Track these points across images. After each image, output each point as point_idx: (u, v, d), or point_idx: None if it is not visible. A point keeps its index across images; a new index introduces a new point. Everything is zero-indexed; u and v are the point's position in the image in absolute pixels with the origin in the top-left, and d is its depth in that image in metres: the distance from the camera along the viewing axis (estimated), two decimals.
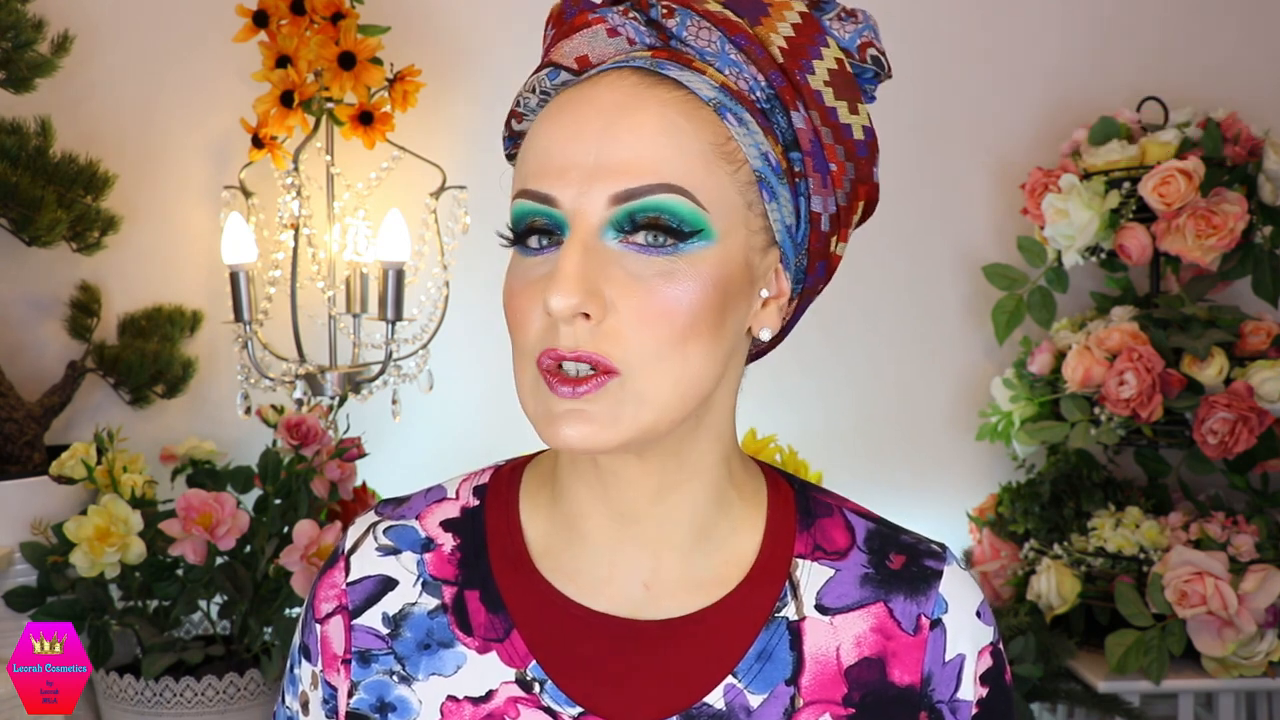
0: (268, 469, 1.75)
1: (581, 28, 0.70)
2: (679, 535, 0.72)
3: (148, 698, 1.66)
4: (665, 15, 0.69)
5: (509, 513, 0.76)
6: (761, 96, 0.68)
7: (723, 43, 0.68)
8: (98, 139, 1.98)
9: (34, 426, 1.87)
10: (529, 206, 0.66)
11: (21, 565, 1.71)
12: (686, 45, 0.68)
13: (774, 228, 0.69)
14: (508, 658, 0.72)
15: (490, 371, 2.10)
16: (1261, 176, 1.90)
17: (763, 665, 0.71)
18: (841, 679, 0.72)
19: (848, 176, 0.70)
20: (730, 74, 0.68)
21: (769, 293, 0.70)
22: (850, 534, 0.76)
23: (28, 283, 2.03)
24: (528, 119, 0.73)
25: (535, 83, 0.72)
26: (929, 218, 2.21)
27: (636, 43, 0.70)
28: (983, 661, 0.75)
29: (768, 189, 0.68)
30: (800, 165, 0.69)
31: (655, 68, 0.67)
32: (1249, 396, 1.81)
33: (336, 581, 0.76)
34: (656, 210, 0.64)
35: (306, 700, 0.77)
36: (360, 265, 1.98)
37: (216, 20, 1.97)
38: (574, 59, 0.70)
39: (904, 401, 2.22)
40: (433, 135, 2.06)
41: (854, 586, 0.74)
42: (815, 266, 0.72)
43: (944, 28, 2.19)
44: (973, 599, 0.76)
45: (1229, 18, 2.21)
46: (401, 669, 0.73)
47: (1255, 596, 1.67)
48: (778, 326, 0.71)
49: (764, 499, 0.76)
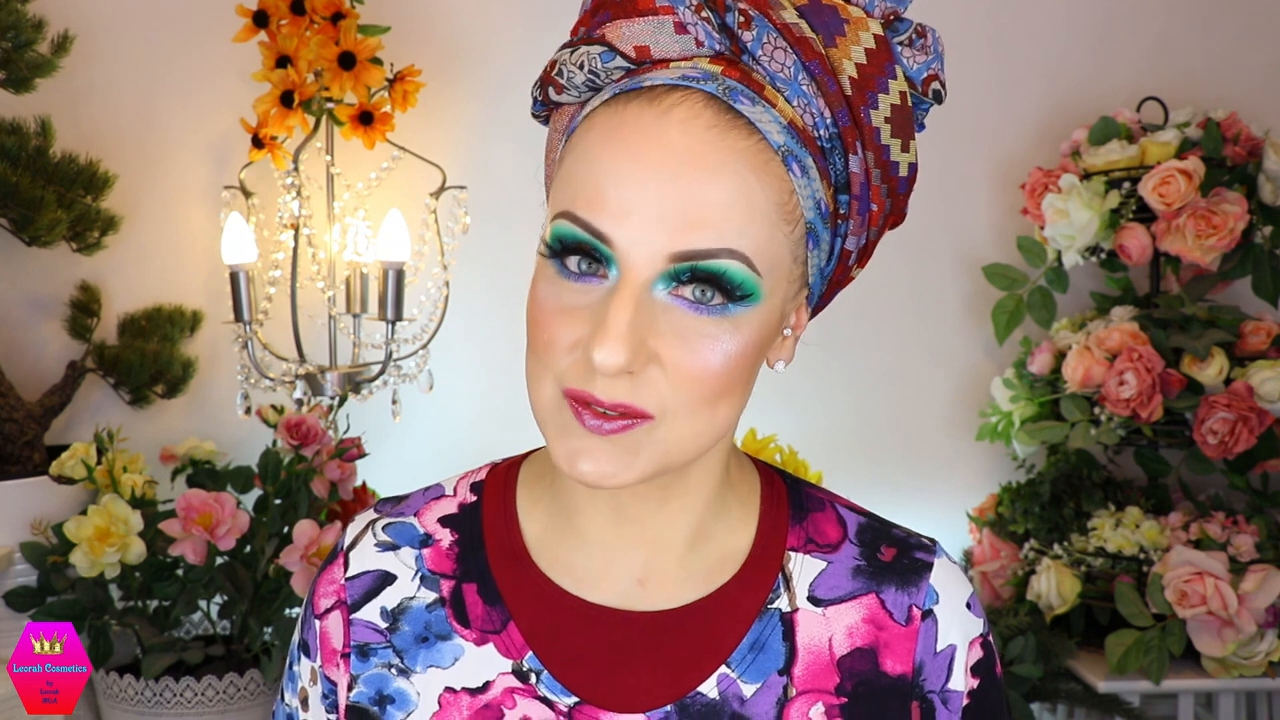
0: (268, 469, 1.75)
1: (647, 13, 0.65)
2: (676, 537, 0.73)
3: (148, 698, 1.66)
4: (742, 25, 0.64)
5: (506, 507, 0.77)
6: (825, 135, 0.65)
7: (796, 69, 0.64)
8: (98, 139, 1.98)
9: (34, 426, 1.87)
10: (578, 234, 0.63)
11: (21, 565, 1.71)
12: (758, 64, 0.64)
13: (809, 272, 0.68)
14: (504, 649, 0.73)
15: (490, 371, 2.10)
16: (1261, 176, 1.90)
17: (756, 655, 0.72)
18: (834, 669, 0.73)
19: (884, 213, 0.70)
20: (799, 106, 0.64)
21: (790, 330, 0.70)
22: (842, 528, 0.77)
23: (28, 283, 2.03)
24: (569, 93, 0.67)
25: (585, 59, 0.66)
26: (929, 218, 2.20)
27: (705, 45, 0.65)
28: (973, 653, 0.76)
29: (814, 238, 0.67)
30: (845, 207, 0.68)
31: (728, 97, 0.63)
32: (1249, 396, 1.81)
33: (335, 577, 0.77)
34: (716, 274, 0.62)
35: (306, 696, 0.78)
36: (360, 265, 1.98)
37: (216, 20, 1.97)
38: (632, 46, 0.65)
39: (904, 401, 2.22)
40: (433, 135, 2.06)
41: (846, 578, 0.75)
42: (832, 292, 0.73)
43: (944, 28, 2.18)
44: (962, 591, 0.77)
45: (1229, 18, 2.21)
46: (400, 662, 0.74)
47: (1255, 596, 1.67)
48: (793, 357, 0.71)
49: (757, 495, 0.77)
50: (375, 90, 1.91)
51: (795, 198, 0.64)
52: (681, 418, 0.64)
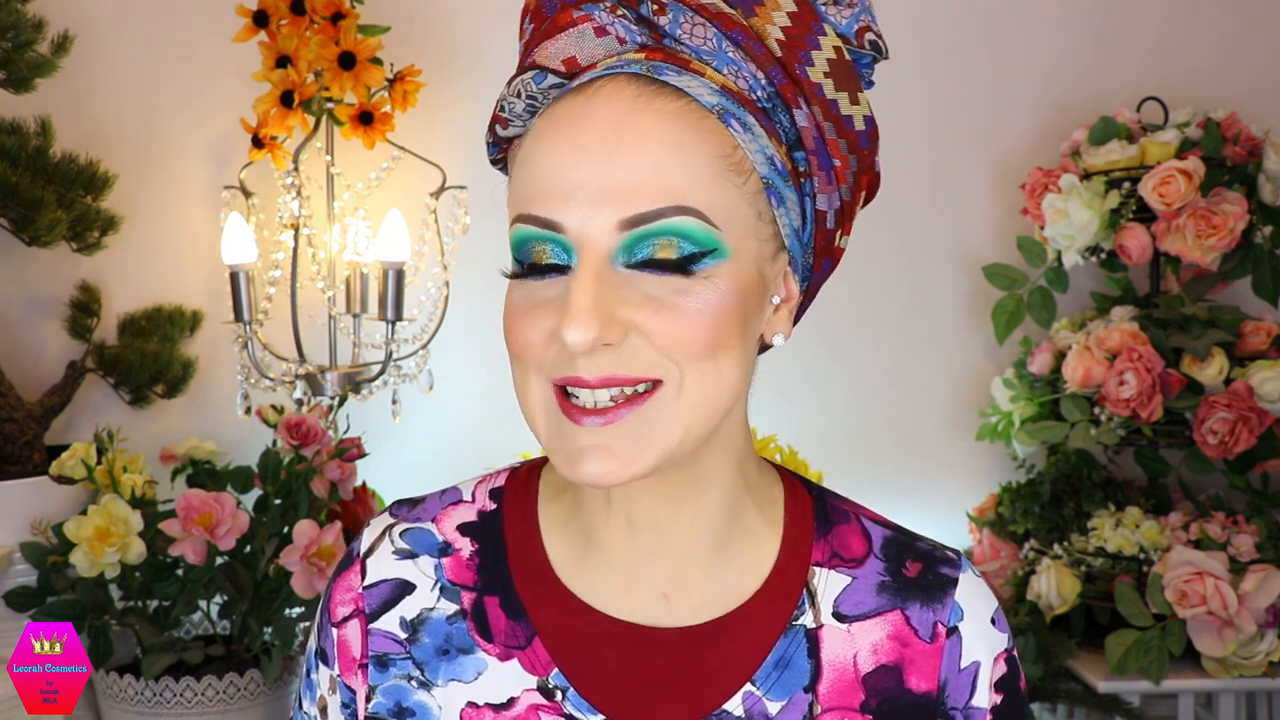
0: (268, 469, 1.75)
1: (566, 27, 0.67)
2: (696, 545, 0.72)
3: (148, 698, 1.66)
4: (656, 12, 0.65)
5: (528, 520, 0.76)
6: (763, 95, 0.66)
7: (719, 39, 0.65)
8: (98, 139, 1.98)
9: (34, 426, 1.87)
10: (532, 231, 0.63)
11: (21, 565, 1.71)
12: (681, 44, 0.65)
13: (782, 233, 0.68)
14: (530, 665, 0.72)
15: (490, 371, 2.10)
16: (1261, 176, 1.90)
17: (781, 673, 0.71)
18: (859, 686, 0.72)
19: (851, 170, 0.69)
20: (729, 73, 0.65)
21: (779, 298, 0.69)
22: (867, 541, 0.76)
23: (28, 283, 2.03)
24: (514, 124, 0.70)
25: (521, 87, 0.68)
26: (929, 218, 2.21)
27: (627, 42, 0.67)
28: (997, 668, 0.75)
29: (775, 195, 0.66)
30: (805, 165, 0.67)
31: (653, 73, 0.64)
32: (1249, 396, 1.81)
33: (352, 585, 0.75)
34: (669, 234, 0.62)
35: (325, 705, 0.77)
36: (360, 265, 1.98)
37: (216, 20, 1.97)
38: (561, 61, 0.67)
39: (904, 401, 2.22)
40: (433, 135, 2.06)
41: (871, 594, 0.74)
42: (821, 263, 0.72)
43: (944, 28, 2.19)
44: (987, 606, 0.76)
45: (1228, 18, 2.21)
46: (420, 674, 0.73)
47: (1255, 596, 1.67)
48: (790, 331, 0.70)
49: (781, 506, 0.76)
50: (375, 90, 1.91)
51: (740, 151, 0.64)
52: (689, 377, 0.63)
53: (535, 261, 0.64)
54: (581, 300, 0.61)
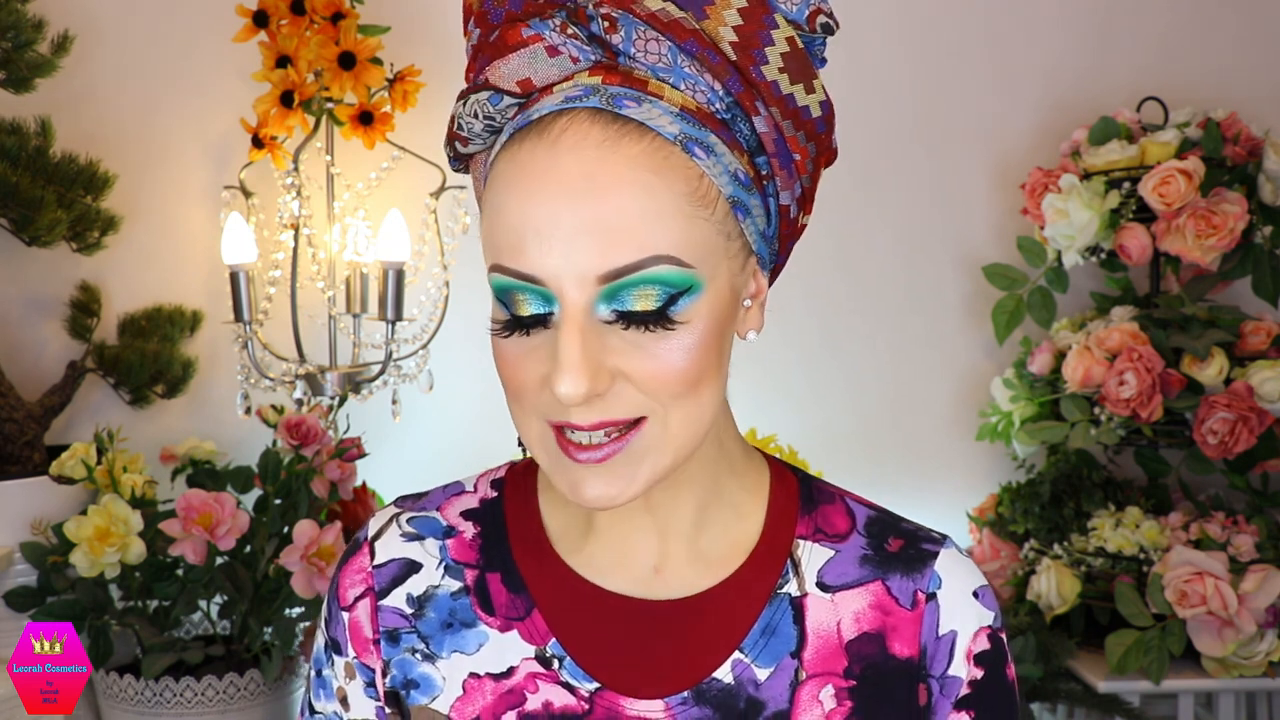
0: (268, 469, 1.75)
1: (517, 46, 0.66)
2: (682, 521, 0.75)
3: (148, 698, 1.66)
4: (608, 30, 0.65)
5: (528, 501, 0.79)
6: (721, 107, 0.66)
7: (674, 54, 0.65)
8: (98, 139, 1.98)
9: (34, 426, 1.87)
10: (512, 283, 0.64)
11: (21, 565, 1.71)
12: (636, 62, 0.65)
13: (750, 240, 0.69)
14: (528, 636, 0.75)
15: (490, 371, 2.09)
16: (1261, 176, 1.90)
17: (768, 640, 0.74)
18: (842, 652, 0.74)
19: (810, 158, 0.69)
20: (687, 88, 0.65)
21: (750, 298, 0.71)
22: (851, 519, 0.79)
23: (28, 283, 2.03)
24: (475, 143, 0.70)
25: (477, 107, 0.68)
26: (929, 218, 2.20)
27: (580, 60, 0.66)
28: (978, 641, 0.76)
29: (741, 209, 0.67)
30: (766, 168, 0.68)
31: (613, 106, 0.64)
32: (1249, 396, 1.81)
33: (363, 565, 0.79)
34: (647, 283, 0.63)
35: (345, 695, 0.79)
36: (360, 265, 1.98)
37: (216, 20, 1.97)
38: (515, 82, 0.67)
39: (904, 401, 2.22)
40: (433, 135, 2.06)
41: (853, 566, 0.76)
42: (786, 246, 0.74)
43: (943, 28, 2.19)
44: (970, 579, 0.77)
45: (1229, 18, 2.21)
46: (425, 647, 0.76)
47: (1255, 596, 1.67)
48: (762, 324, 0.72)
49: (767, 486, 0.79)
50: (375, 90, 1.91)
51: (705, 180, 0.65)
52: (673, 413, 0.66)
53: (517, 313, 0.65)
54: (570, 355, 0.63)
